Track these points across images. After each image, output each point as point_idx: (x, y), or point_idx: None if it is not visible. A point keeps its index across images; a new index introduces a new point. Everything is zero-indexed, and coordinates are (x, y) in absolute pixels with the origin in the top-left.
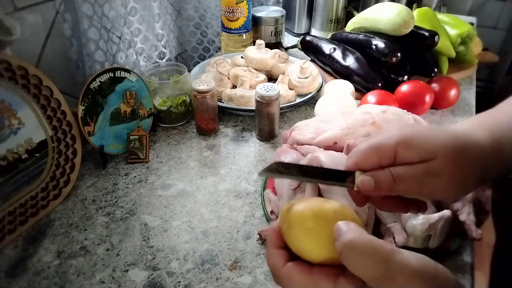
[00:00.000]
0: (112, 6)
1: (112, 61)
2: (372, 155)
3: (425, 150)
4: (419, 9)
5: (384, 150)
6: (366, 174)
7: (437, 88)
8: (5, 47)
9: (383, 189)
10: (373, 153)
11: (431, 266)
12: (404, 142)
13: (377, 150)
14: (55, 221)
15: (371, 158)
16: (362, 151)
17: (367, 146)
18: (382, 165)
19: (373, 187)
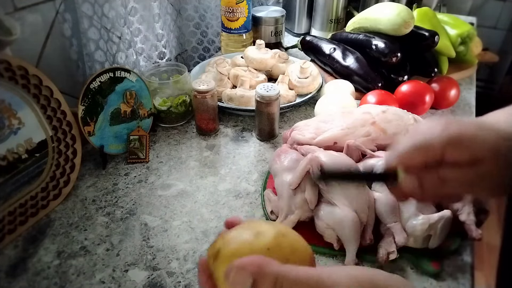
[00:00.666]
0: (112, 6)
1: (112, 61)
2: (418, 154)
3: (475, 152)
4: (419, 9)
5: (431, 150)
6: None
7: (437, 88)
8: (5, 47)
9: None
10: (419, 153)
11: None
12: (453, 142)
13: (423, 149)
14: (55, 221)
15: (416, 157)
16: (407, 150)
17: (412, 145)
18: (428, 165)
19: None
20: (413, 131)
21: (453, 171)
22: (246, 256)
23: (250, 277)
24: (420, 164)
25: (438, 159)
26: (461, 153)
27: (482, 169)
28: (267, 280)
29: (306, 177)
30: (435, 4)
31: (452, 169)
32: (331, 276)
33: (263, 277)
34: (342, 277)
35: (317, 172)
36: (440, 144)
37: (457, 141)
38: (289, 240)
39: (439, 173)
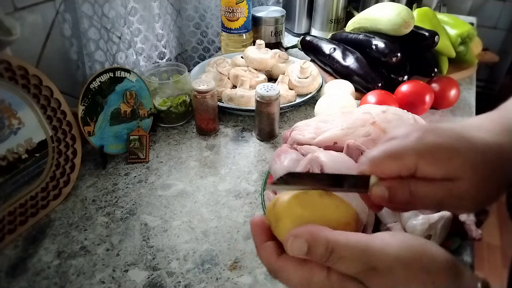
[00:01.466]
0: (112, 6)
1: (112, 61)
2: (390, 163)
3: (449, 168)
4: (419, 9)
5: (405, 160)
6: (382, 184)
7: (437, 88)
8: (5, 47)
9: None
10: (392, 161)
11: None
12: (427, 156)
13: (396, 158)
14: (55, 221)
15: (389, 166)
16: (379, 158)
17: (385, 153)
18: (400, 175)
19: (387, 199)
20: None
21: (425, 186)
22: (302, 200)
23: (305, 244)
24: (392, 173)
25: (411, 171)
26: (434, 168)
27: (455, 186)
28: (319, 245)
29: None
30: (435, 4)
31: (424, 184)
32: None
33: (316, 243)
34: (392, 241)
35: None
36: (413, 155)
37: (431, 154)
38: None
39: (411, 186)
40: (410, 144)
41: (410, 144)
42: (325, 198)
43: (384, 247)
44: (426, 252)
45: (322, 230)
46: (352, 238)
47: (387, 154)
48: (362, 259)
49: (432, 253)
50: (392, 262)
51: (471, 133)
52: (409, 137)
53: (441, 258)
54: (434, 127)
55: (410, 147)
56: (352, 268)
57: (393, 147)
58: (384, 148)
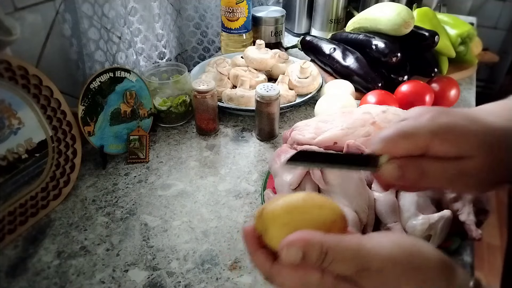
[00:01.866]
0: (112, 6)
1: (112, 61)
2: (402, 142)
3: (462, 147)
4: (419, 9)
5: (417, 139)
6: (393, 161)
7: (437, 88)
8: (5, 47)
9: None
10: (404, 141)
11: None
12: (440, 134)
13: (409, 138)
14: (55, 221)
15: (401, 145)
16: (392, 137)
17: (398, 133)
18: (412, 154)
19: (398, 177)
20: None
21: (435, 164)
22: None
23: (300, 251)
24: (404, 152)
25: (423, 150)
26: (447, 146)
27: (466, 164)
28: (314, 251)
29: (306, 177)
30: (435, 4)
31: (434, 162)
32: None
33: (310, 248)
34: (384, 242)
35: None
36: (426, 134)
37: (444, 133)
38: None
39: (422, 164)
40: (423, 124)
41: (423, 123)
42: (308, 201)
43: (375, 248)
44: (418, 251)
45: (314, 235)
46: (344, 240)
47: (400, 134)
48: (354, 260)
49: (424, 252)
50: (384, 262)
51: (483, 117)
52: (422, 117)
53: (433, 257)
54: (446, 109)
55: (423, 127)
56: (346, 269)
57: (406, 127)
58: (396, 128)
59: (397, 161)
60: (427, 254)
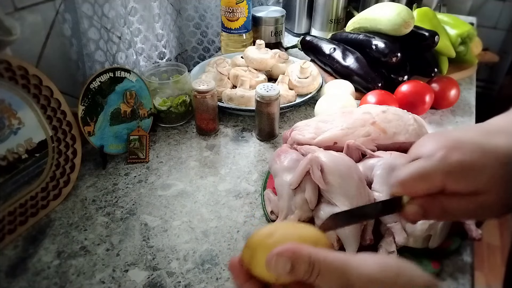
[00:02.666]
0: (112, 6)
1: (112, 61)
2: (419, 184)
3: (476, 184)
4: (419, 9)
5: (433, 180)
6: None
7: (437, 88)
8: (5, 47)
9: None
10: (421, 183)
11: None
12: (454, 174)
13: (425, 180)
14: (55, 221)
15: (418, 186)
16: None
17: (413, 174)
18: (431, 192)
19: (422, 216)
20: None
21: (455, 201)
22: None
23: (288, 262)
24: (422, 192)
25: (440, 189)
26: (462, 185)
27: (485, 199)
28: (303, 262)
29: (306, 177)
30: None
31: (454, 199)
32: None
33: (299, 260)
34: (370, 261)
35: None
36: (440, 175)
37: (457, 173)
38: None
39: (442, 202)
40: (436, 164)
41: (435, 164)
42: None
43: (361, 266)
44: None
45: (302, 247)
46: (331, 255)
47: (415, 176)
48: (340, 276)
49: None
50: (369, 281)
51: (493, 140)
52: (434, 157)
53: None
54: (457, 141)
55: (436, 167)
56: (331, 283)
57: (420, 168)
58: (411, 169)
59: (418, 201)
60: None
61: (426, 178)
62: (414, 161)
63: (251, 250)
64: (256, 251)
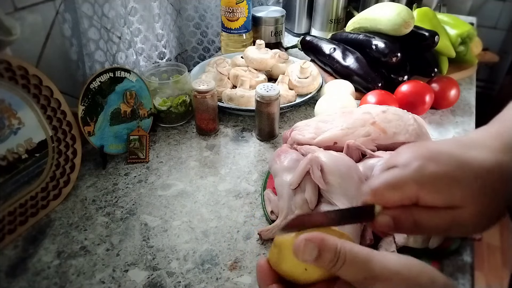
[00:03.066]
0: (112, 6)
1: (112, 61)
2: (391, 194)
3: (451, 198)
4: (419, 9)
5: (406, 191)
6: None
7: (437, 88)
8: (5, 47)
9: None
10: (393, 192)
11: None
12: (428, 186)
13: (397, 190)
14: (55, 221)
15: (391, 196)
16: (380, 188)
17: (386, 183)
18: (404, 204)
19: (393, 228)
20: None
21: (428, 215)
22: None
23: (316, 248)
24: (395, 203)
25: (413, 200)
26: (435, 198)
27: (459, 214)
28: (329, 250)
29: (306, 177)
30: (435, 4)
31: (427, 213)
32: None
33: (326, 247)
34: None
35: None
36: (414, 186)
37: (431, 185)
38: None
39: (414, 215)
40: (410, 175)
41: (410, 174)
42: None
43: (384, 260)
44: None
45: (329, 237)
46: (356, 246)
47: (388, 185)
48: (364, 268)
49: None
50: (392, 274)
51: (471, 154)
52: (409, 167)
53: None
54: (433, 153)
55: (410, 178)
56: (354, 274)
57: (394, 178)
58: (384, 178)
59: (390, 212)
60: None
61: (399, 187)
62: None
63: (278, 248)
64: (283, 247)
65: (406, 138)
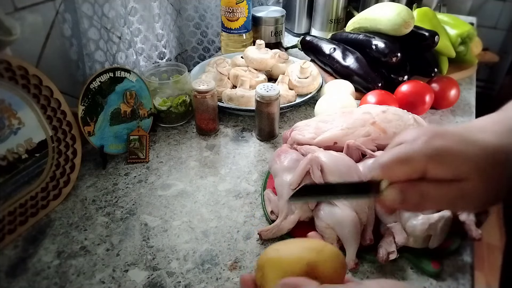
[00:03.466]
0: (112, 6)
1: (112, 61)
2: (400, 168)
3: (458, 170)
4: (419, 9)
5: (414, 164)
6: (394, 187)
7: (437, 88)
8: (5, 47)
9: (410, 205)
10: (402, 166)
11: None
12: (436, 158)
13: (406, 163)
14: (55, 221)
15: (399, 170)
16: (389, 163)
17: (395, 158)
18: (411, 178)
19: (400, 201)
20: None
21: (435, 187)
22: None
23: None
24: (403, 177)
25: (421, 174)
26: (443, 170)
27: (465, 186)
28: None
29: (306, 177)
30: (435, 4)
31: (434, 186)
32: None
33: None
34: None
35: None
36: (422, 159)
37: (439, 157)
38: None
39: (422, 188)
40: (418, 148)
41: (418, 148)
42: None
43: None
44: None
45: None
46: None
47: (397, 159)
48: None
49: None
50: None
51: (476, 135)
52: (417, 141)
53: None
54: (440, 130)
55: (418, 151)
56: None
57: (402, 152)
58: (393, 153)
59: (398, 186)
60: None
61: (407, 161)
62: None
63: (261, 269)
64: (265, 269)
65: None
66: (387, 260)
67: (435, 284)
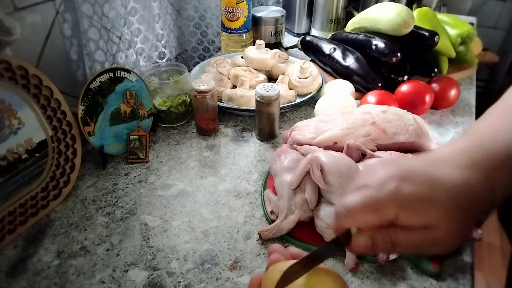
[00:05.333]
0: (112, 6)
1: (112, 61)
2: (370, 216)
3: (428, 218)
4: (419, 9)
5: (384, 213)
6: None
7: (437, 88)
8: (5, 47)
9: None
10: (372, 215)
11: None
12: (406, 207)
13: (376, 211)
14: (55, 221)
15: (368, 218)
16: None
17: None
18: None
19: (370, 248)
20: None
21: (404, 234)
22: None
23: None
24: (372, 223)
25: (390, 221)
26: (413, 219)
27: (435, 234)
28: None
29: (306, 177)
30: (435, 4)
31: (403, 232)
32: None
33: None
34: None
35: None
36: (392, 208)
37: (409, 205)
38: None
39: (391, 235)
40: (388, 196)
41: (387, 196)
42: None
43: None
44: None
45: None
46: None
47: (365, 207)
48: None
49: None
50: None
51: (442, 172)
52: (386, 188)
53: None
54: (407, 172)
55: (388, 199)
56: None
57: (370, 198)
58: (360, 199)
59: (367, 233)
60: None
61: (376, 209)
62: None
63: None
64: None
65: (406, 138)
66: (387, 260)
67: (435, 284)
